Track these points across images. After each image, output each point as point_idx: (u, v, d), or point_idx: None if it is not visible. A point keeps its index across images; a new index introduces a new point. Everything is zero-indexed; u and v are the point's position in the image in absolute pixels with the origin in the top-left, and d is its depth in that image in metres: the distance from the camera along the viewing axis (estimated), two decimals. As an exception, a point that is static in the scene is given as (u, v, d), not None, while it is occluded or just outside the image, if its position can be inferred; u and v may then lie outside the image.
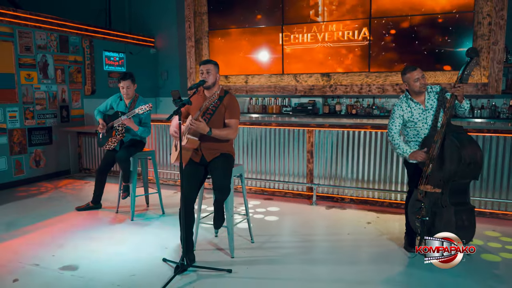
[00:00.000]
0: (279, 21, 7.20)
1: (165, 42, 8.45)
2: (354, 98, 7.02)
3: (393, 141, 3.40)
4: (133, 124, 4.31)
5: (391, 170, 4.82)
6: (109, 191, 5.43)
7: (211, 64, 3.33)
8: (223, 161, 3.27)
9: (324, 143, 5.11)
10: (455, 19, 6.11)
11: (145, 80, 8.22)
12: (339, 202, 5.10)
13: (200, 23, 7.80)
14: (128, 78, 4.41)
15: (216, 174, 3.19)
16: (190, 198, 3.20)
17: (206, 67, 3.31)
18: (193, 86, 3.15)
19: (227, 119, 3.29)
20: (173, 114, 2.96)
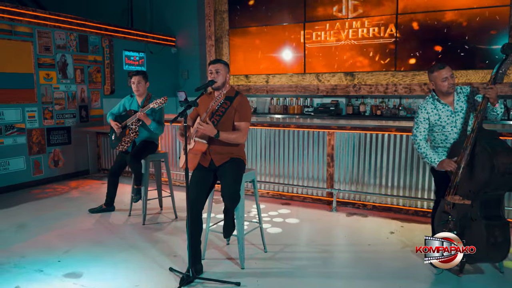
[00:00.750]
0: (301, 18, 6.95)
1: (186, 41, 8.35)
2: (379, 99, 6.70)
3: (419, 148, 3.11)
4: (147, 118, 4.17)
5: (417, 176, 4.51)
6: (124, 192, 5.35)
7: (220, 64, 3.14)
8: (233, 166, 3.08)
9: (346, 146, 4.84)
10: (489, 14, 5.70)
11: (166, 80, 8.15)
12: (361, 208, 4.82)
13: (220, 21, 7.64)
14: (139, 74, 4.30)
15: (225, 181, 3.00)
16: (198, 205, 3.02)
17: (215, 66, 3.12)
18: (200, 87, 2.97)
19: (237, 122, 3.10)
20: (178, 116, 2.79)
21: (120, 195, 4.98)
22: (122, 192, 5.29)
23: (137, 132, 4.28)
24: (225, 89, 3.11)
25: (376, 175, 4.71)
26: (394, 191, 4.64)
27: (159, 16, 8.46)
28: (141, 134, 4.34)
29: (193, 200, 2.99)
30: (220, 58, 3.28)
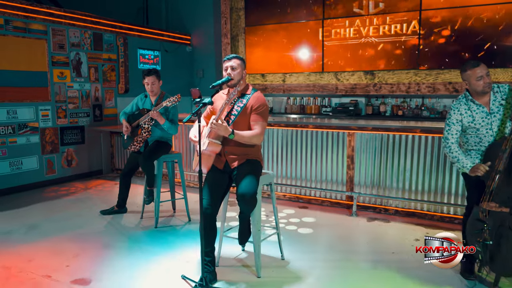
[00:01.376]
0: (320, 15, 6.73)
1: (201, 40, 8.21)
2: (401, 98, 6.43)
3: (450, 153, 2.88)
4: (161, 117, 4.02)
5: (443, 180, 4.26)
6: (137, 193, 5.22)
7: (236, 60, 2.97)
8: (249, 168, 2.90)
9: (367, 148, 4.62)
10: (520, 9, 5.40)
11: (181, 79, 8.02)
12: (382, 213, 4.59)
13: (236, 19, 7.48)
14: (152, 74, 4.15)
15: (240, 184, 2.82)
16: (212, 210, 2.85)
17: (231, 62, 2.95)
18: (215, 84, 2.80)
19: (253, 121, 2.91)
20: (192, 115, 2.62)
21: (132, 196, 4.85)
22: (135, 193, 5.16)
23: (150, 131, 4.13)
24: (241, 87, 2.93)
25: (399, 179, 4.48)
26: (418, 196, 4.39)
27: (174, 15, 8.34)
28: (154, 133, 4.19)
29: (207, 204, 2.82)
30: (236, 54, 3.05)
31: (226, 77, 2.91)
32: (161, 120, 4.00)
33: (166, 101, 3.85)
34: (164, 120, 4.02)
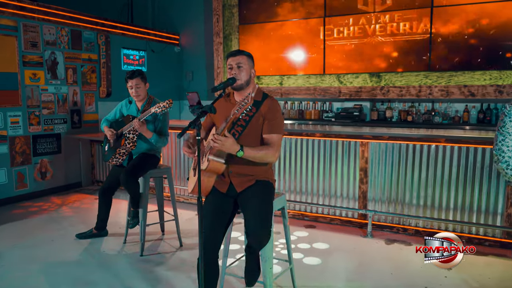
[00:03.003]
0: (321, 12, 6.20)
1: (190, 39, 7.60)
2: (409, 103, 5.93)
3: (508, 169, 2.34)
4: (146, 130, 3.41)
5: (471, 196, 3.74)
6: (119, 210, 4.59)
7: (243, 56, 2.39)
8: (261, 193, 2.31)
9: (382, 159, 4.07)
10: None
11: (168, 81, 7.40)
12: (400, 233, 4.05)
13: (229, 16, 6.90)
14: (136, 76, 3.54)
15: (250, 214, 2.24)
16: (213, 244, 2.26)
17: (237, 59, 2.37)
18: (218, 87, 2.22)
19: (266, 134, 2.34)
20: (189, 127, 2.02)
21: (114, 214, 4.22)
22: (117, 210, 4.53)
23: (135, 142, 3.51)
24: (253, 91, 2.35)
25: (420, 195, 3.94)
26: (442, 214, 3.87)
27: (161, 12, 7.72)
28: (140, 145, 3.58)
29: (207, 238, 2.22)
30: (242, 50, 2.45)
31: (231, 78, 2.33)
32: (147, 134, 3.40)
33: (154, 107, 3.24)
34: (151, 134, 3.41)
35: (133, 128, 3.42)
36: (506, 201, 3.63)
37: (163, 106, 3.19)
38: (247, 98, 2.10)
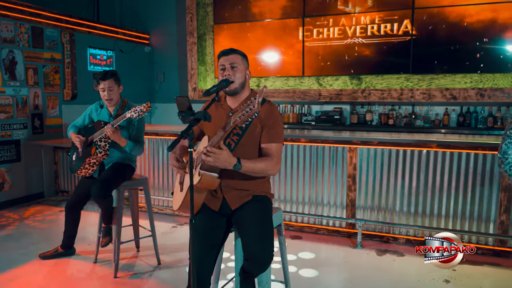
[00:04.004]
0: (300, 12, 6.00)
1: (162, 39, 7.23)
2: (389, 106, 5.82)
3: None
4: (120, 137, 3.05)
5: (463, 203, 3.61)
6: (88, 223, 4.20)
7: (237, 55, 2.12)
8: (259, 211, 2.04)
9: (371, 166, 3.89)
10: (522, 9, 4.94)
11: (138, 83, 7.00)
12: (391, 242, 3.88)
13: (204, 16, 6.59)
14: (109, 78, 3.18)
15: (249, 236, 1.96)
16: (204, 269, 1.97)
17: (230, 59, 2.09)
18: (212, 90, 1.93)
19: (265, 143, 2.07)
20: (181, 137, 1.72)
21: (82, 228, 3.81)
22: (85, 223, 4.13)
23: (107, 151, 3.15)
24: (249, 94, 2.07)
25: (411, 202, 3.78)
26: (434, 222, 3.72)
27: (130, 10, 7.30)
28: (113, 154, 3.22)
29: (196, 262, 1.93)
30: (235, 48, 2.16)
31: (225, 79, 2.04)
32: (121, 141, 3.04)
33: (130, 111, 2.89)
34: (125, 141, 3.06)
35: (105, 135, 3.06)
36: (499, 208, 3.53)
37: (139, 111, 2.85)
38: (252, 103, 1.78)
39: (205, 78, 6.70)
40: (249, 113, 1.74)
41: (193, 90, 6.69)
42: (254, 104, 1.75)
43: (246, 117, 1.75)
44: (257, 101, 1.75)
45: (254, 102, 1.76)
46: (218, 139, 1.87)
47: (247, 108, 1.77)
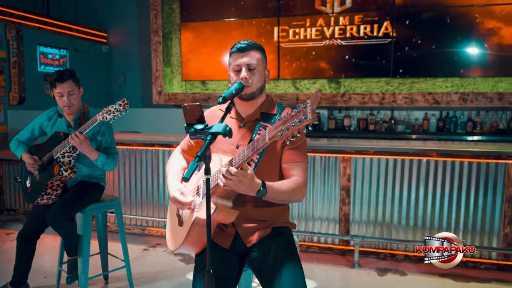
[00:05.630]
0: (275, 11, 5.64)
1: (122, 38, 6.61)
2: (367, 111, 5.59)
3: None
4: (90, 148, 2.50)
5: (465, 215, 3.39)
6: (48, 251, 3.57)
7: (256, 52, 1.71)
8: (284, 250, 1.62)
9: (367, 177, 3.58)
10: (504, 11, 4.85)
11: (95, 86, 6.32)
12: (388, 259, 3.59)
13: (169, 13, 6.06)
14: (67, 78, 2.63)
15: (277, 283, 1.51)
16: None
17: (248, 59, 1.68)
18: (227, 96, 1.49)
19: (289, 162, 1.66)
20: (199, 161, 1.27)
21: (40, 255, 3.19)
22: (43, 249, 3.50)
23: (74, 168, 2.59)
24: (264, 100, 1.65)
25: (409, 215, 3.51)
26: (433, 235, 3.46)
27: (86, 4, 6.61)
28: (78, 171, 2.66)
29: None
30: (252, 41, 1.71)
31: (239, 82, 1.61)
32: (92, 154, 2.49)
33: (102, 113, 2.33)
34: (96, 153, 2.51)
35: (69, 148, 2.50)
36: (503, 220, 3.33)
37: (115, 110, 2.30)
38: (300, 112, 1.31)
39: (171, 80, 6.17)
40: (296, 126, 1.30)
41: (158, 94, 6.14)
42: (305, 114, 1.30)
43: (291, 132, 1.31)
44: (311, 109, 1.30)
45: (304, 110, 1.30)
46: (244, 159, 1.42)
47: (293, 119, 1.31)
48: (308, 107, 1.28)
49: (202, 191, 1.58)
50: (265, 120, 1.66)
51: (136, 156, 4.14)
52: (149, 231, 4.21)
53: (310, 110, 1.28)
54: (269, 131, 1.37)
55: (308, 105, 1.29)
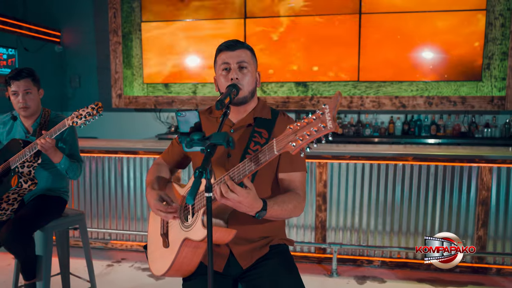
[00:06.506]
0: (241, 12, 5.49)
1: (76, 37, 6.20)
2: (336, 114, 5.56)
3: None
4: (56, 151, 2.23)
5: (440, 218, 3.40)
6: None
7: (245, 50, 1.55)
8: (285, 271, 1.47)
9: (343, 182, 3.50)
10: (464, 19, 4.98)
11: (48, 89, 5.78)
12: (365, 266, 3.53)
13: (129, 12, 5.75)
14: (24, 77, 2.35)
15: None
16: None
17: (238, 56, 1.52)
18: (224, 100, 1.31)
19: (286, 172, 1.52)
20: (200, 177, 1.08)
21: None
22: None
23: (35, 179, 2.29)
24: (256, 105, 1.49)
25: (386, 221, 3.47)
26: (411, 241, 3.45)
27: (36, 1, 6.15)
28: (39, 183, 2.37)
29: None
30: (240, 40, 1.56)
31: (233, 85, 1.44)
32: (55, 157, 2.21)
33: (71, 117, 2.07)
34: (60, 155, 2.24)
35: (30, 157, 2.21)
36: (476, 223, 3.35)
37: (87, 114, 2.06)
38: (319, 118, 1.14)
39: (131, 83, 5.86)
40: (313, 136, 1.13)
41: (118, 97, 5.81)
42: (323, 122, 1.13)
43: (306, 143, 1.15)
44: (330, 116, 1.14)
45: (322, 118, 1.13)
46: (245, 173, 1.25)
47: (309, 128, 1.14)
48: (327, 114, 1.12)
49: (191, 207, 1.39)
50: (260, 126, 1.50)
51: (98, 164, 3.84)
52: (113, 244, 3.91)
53: (330, 117, 1.12)
54: (278, 140, 1.21)
55: (326, 111, 1.13)
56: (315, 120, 1.14)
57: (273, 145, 1.23)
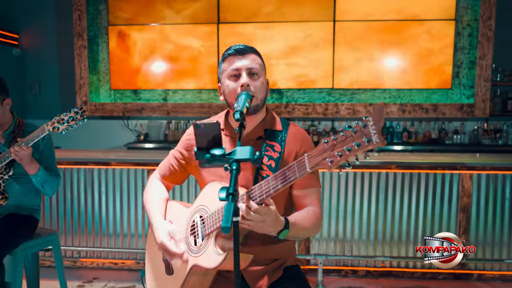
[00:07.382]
0: (214, 17, 5.35)
1: (36, 40, 5.83)
2: (309, 121, 5.55)
3: None
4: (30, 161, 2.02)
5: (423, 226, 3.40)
6: None
7: (256, 56, 1.45)
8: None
9: (326, 191, 3.44)
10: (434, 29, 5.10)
11: (5, 95, 5.48)
12: (350, 276, 3.47)
13: (95, 14, 5.47)
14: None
15: None
16: None
17: (249, 62, 1.41)
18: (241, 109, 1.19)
19: (302, 189, 1.42)
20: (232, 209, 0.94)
21: None
22: None
23: (6, 194, 2.05)
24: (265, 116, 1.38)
25: (370, 230, 3.44)
26: (394, 250, 3.43)
27: (-9, 1, 5.75)
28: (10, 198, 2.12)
29: None
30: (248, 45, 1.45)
31: (245, 93, 1.31)
32: (31, 167, 1.99)
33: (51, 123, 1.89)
34: (37, 166, 2.02)
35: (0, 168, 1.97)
36: (458, 229, 3.38)
37: (70, 119, 1.87)
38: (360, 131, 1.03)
39: (97, 89, 5.56)
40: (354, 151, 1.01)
41: (83, 104, 5.49)
42: (368, 136, 1.02)
43: (345, 159, 1.04)
44: (375, 129, 1.03)
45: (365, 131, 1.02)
46: (269, 191, 1.12)
47: (350, 142, 1.02)
48: (370, 127, 1.02)
49: (200, 230, 1.25)
50: (270, 139, 1.38)
51: (65, 176, 3.56)
52: (82, 262, 3.64)
53: (375, 130, 1.02)
54: (312, 156, 1.09)
55: (369, 123, 1.03)
56: (356, 133, 1.04)
57: (304, 161, 1.11)
